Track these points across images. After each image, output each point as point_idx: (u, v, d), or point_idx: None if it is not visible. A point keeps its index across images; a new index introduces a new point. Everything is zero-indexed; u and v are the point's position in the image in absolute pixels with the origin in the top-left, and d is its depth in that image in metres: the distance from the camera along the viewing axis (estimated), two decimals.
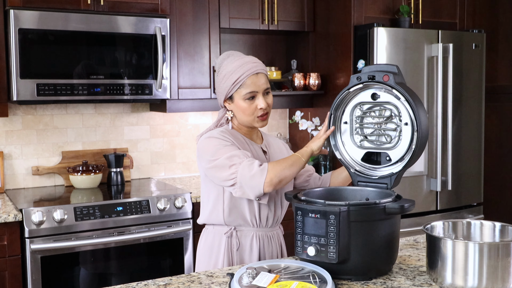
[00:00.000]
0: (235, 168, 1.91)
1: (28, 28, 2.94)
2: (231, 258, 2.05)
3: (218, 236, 2.07)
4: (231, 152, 1.94)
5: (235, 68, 2.00)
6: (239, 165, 1.90)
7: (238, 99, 2.02)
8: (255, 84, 2.01)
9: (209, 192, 2.06)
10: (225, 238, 2.05)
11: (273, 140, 2.23)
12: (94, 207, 2.92)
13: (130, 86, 3.20)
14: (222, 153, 1.94)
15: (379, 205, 1.65)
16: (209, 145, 1.98)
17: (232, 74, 2.00)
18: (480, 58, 3.81)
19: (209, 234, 2.10)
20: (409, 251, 2.00)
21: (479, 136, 3.86)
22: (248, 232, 2.06)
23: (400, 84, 1.82)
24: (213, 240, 2.08)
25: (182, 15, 3.44)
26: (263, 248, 2.07)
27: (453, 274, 1.51)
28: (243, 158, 1.92)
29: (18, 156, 3.39)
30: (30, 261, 2.76)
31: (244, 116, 2.04)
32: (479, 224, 1.73)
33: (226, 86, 2.01)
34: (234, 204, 2.02)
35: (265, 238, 2.08)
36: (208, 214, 2.07)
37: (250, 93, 2.00)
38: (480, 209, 3.92)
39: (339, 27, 3.65)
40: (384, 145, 1.90)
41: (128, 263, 3.04)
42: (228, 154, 1.93)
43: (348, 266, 1.65)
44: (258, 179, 1.88)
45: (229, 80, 2.00)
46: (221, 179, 1.95)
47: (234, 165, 1.91)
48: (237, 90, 2.01)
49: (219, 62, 2.08)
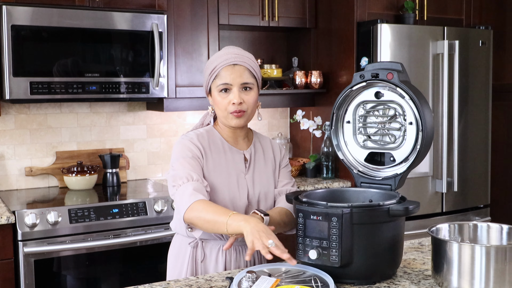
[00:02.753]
0: (174, 189, 1.90)
1: (21, 24, 2.94)
2: (195, 269, 1.98)
3: (184, 246, 2.01)
4: (180, 170, 1.91)
5: (214, 59, 1.97)
6: (179, 187, 1.88)
7: (214, 91, 1.97)
8: (230, 76, 1.93)
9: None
10: (190, 249, 1.99)
11: (265, 144, 2.11)
12: (89, 209, 2.92)
13: (126, 85, 3.20)
14: (176, 166, 1.93)
15: (383, 207, 1.65)
16: (175, 150, 1.98)
17: (210, 64, 1.97)
18: (487, 56, 3.81)
19: (176, 242, 2.06)
20: (414, 254, 2.00)
21: (486, 136, 3.86)
22: (214, 244, 1.98)
23: (404, 82, 1.82)
24: (179, 249, 2.03)
25: (179, 11, 3.44)
26: (230, 261, 1.98)
27: (459, 278, 1.51)
28: (185, 182, 1.87)
29: (11, 156, 3.39)
30: (23, 265, 2.76)
31: (219, 111, 1.98)
32: (485, 227, 1.73)
33: (205, 78, 2.00)
34: None
35: (233, 251, 1.99)
36: (177, 221, 1.98)
37: (223, 84, 1.93)
38: (487, 211, 3.92)
39: (341, 23, 3.65)
40: (388, 145, 1.90)
41: (124, 267, 3.04)
42: (175, 172, 1.92)
43: (351, 270, 1.65)
44: (180, 212, 1.86)
45: (207, 70, 1.98)
46: (172, 193, 1.95)
47: (175, 186, 1.90)
48: (213, 81, 1.97)
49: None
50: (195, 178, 1.89)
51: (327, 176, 3.72)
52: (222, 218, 1.75)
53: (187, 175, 1.89)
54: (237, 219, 1.72)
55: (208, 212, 1.79)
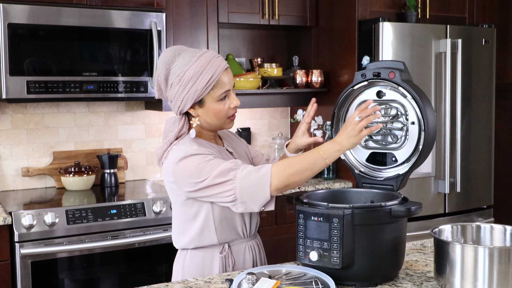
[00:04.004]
0: (232, 184, 1.75)
1: (18, 23, 2.94)
2: None
3: (208, 259, 1.92)
4: (221, 166, 1.77)
5: (203, 66, 1.81)
6: (235, 179, 1.75)
7: (211, 102, 1.85)
8: (228, 81, 1.86)
9: (195, 214, 1.89)
10: (218, 259, 1.91)
11: (230, 136, 2.11)
12: (86, 210, 2.92)
13: (124, 84, 3.20)
14: (209, 170, 1.77)
15: (385, 208, 1.65)
16: (188, 166, 1.79)
17: (203, 74, 1.80)
18: (490, 54, 3.81)
19: (195, 258, 1.93)
20: (416, 256, 2.00)
21: (489, 135, 3.86)
22: (240, 245, 1.96)
23: (406, 81, 1.82)
24: (202, 266, 1.92)
25: (178, 9, 3.44)
26: (256, 258, 2.00)
27: (462, 280, 1.51)
28: (237, 170, 1.77)
29: (7, 156, 3.39)
30: (20, 267, 2.76)
31: (216, 119, 1.88)
32: (489, 228, 1.73)
33: (196, 90, 1.81)
34: (226, 218, 1.90)
35: (256, 246, 2.01)
36: (196, 236, 1.90)
37: (225, 92, 1.85)
38: (490, 212, 3.92)
39: (343, 22, 3.65)
40: (389, 145, 1.90)
41: (122, 269, 3.04)
42: (219, 169, 1.76)
43: (352, 272, 1.65)
44: (261, 190, 1.74)
45: (199, 81, 1.80)
46: (216, 197, 1.80)
47: (230, 180, 1.76)
48: (210, 92, 1.83)
49: (167, 63, 1.84)
50: (240, 162, 1.80)
51: (328, 176, 3.71)
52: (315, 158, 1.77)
53: (231, 165, 1.78)
54: (329, 150, 1.77)
55: (295, 164, 1.77)
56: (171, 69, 1.84)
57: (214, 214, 1.88)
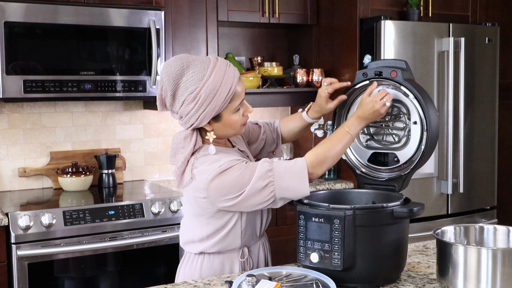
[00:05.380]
0: (271, 186, 1.74)
1: (15, 21, 2.94)
2: None
3: (228, 263, 1.91)
4: (256, 171, 1.74)
5: (219, 81, 1.73)
6: (273, 180, 1.74)
7: (228, 114, 1.79)
8: (242, 89, 1.81)
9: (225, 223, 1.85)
10: (238, 263, 1.91)
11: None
12: (84, 211, 2.92)
13: (122, 83, 3.20)
14: (246, 180, 1.74)
15: (387, 209, 1.65)
16: (225, 182, 1.74)
17: (220, 89, 1.73)
18: (493, 53, 3.81)
19: (214, 262, 1.90)
20: (418, 257, 2.00)
21: (492, 135, 3.86)
22: (255, 245, 1.97)
23: (408, 80, 1.82)
24: (220, 271, 1.90)
25: (177, 7, 3.44)
26: (267, 255, 2.03)
27: (465, 282, 1.51)
28: (272, 169, 1.75)
29: (3, 157, 3.39)
30: (16, 268, 2.76)
31: (232, 129, 1.84)
32: (492, 229, 1.73)
33: (215, 106, 1.74)
34: (250, 221, 1.90)
35: (266, 242, 2.04)
36: (219, 241, 1.87)
37: (241, 102, 1.81)
38: (493, 213, 3.92)
39: (344, 20, 3.66)
40: (391, 145, 1.90)
41: (120, 270, 3.04)
42: (257, 175, 1.73)
43: (353, 274, 1.65)
44: (301, 186, 1.76)
45: (217, 97, 1.73)
46: (256, 204, 1.77)
47: (270, 183, 1.74)
48: (228, 105, 1.77)
49: (175, 78, 1.73)
50: (270, 160, 1.79)
51: (329, 177, 3.72)
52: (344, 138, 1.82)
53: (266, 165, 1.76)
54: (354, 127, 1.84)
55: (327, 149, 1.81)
56: (180, 84, 1.74)
57: (242, 220, 1.87)
